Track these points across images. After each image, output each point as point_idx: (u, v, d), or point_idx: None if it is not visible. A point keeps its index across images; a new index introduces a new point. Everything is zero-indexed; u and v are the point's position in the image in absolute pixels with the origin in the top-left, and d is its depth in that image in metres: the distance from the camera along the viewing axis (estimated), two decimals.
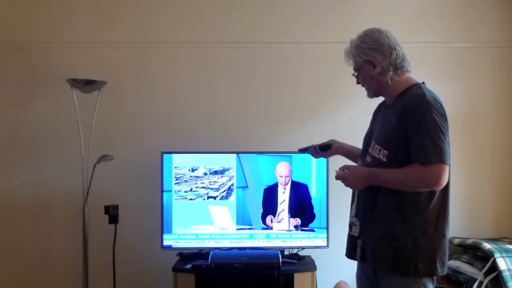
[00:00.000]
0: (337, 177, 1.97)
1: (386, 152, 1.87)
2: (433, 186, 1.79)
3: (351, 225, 2.03)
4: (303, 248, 3.07)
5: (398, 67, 1.92)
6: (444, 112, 1.82)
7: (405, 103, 1.86)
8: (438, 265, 1.84)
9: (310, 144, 2.32)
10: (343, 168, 1.98)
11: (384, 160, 1.88)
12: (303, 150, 2.35)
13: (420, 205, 1.83)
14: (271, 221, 3.03)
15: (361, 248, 1.96)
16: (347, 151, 2.27)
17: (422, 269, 1.82)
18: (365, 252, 1.94)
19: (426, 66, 3.15)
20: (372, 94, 2.02)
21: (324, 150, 2.26)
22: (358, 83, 2.04)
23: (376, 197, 1.90)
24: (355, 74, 2.02)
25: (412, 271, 1.82)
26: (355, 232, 1.99)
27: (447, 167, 1.77)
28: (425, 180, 1.78)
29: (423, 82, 1.95)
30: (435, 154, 1.75)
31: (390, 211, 1.86)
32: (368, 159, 1.97)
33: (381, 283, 1.93)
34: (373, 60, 1.91)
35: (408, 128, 1.81)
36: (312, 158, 2.99)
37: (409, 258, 1.83)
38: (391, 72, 1.91)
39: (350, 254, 2.03)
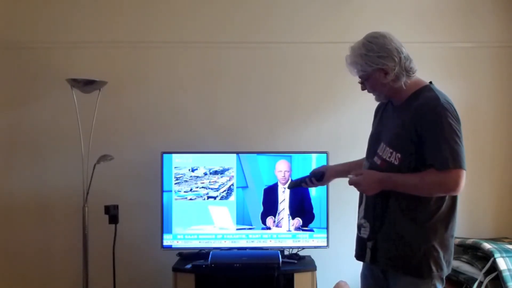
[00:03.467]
0: (351, 182, 1.93)
1: (399, 155, 1.85)
2: (451, 192, 1.80)
3: (359, 227, 2.01)
4: (303, 248, 3.07)
5: (408, 69, 1.88)
6: (458, 115, 1.81)
7: (418, 106, 1.83)
8: (445, 265, 1.85)
9: (298, 179, 2.26)
10: (358, 173, 1.95)
11: (396, 163, 1.85)
12: (293, 185, 2.28)
13: (431, 207, 1.83)
14: (273, 223, 3.03)
15: (370, 250, 1.95)
16: (343, 172, 2.16)
17: (434, 270, 1.83)
18: (375, 254, 1.93)
19: (426, 66, 3.09)
20: (383, 99, 1.99)
21: (319, 179, 2.18)
22: (363, 89, 1.98)
23: (387, 200, 1.88)
24: (361, 81, 1.97)
25: (426, 272, 1.83)
26: (364, 234, 1.97)
27: (465, 172, 1.76)
28: (444, 186, 1.78)
29: (431, 82, 1.93)
30: (453, 160, 1.74)
31: (402, 214, 1.86)
32: (378, 161, 1.93)
33: (391, 284, 1.91)
34: (385, 67, 1.86)
35: (424, 132, 1.79)
36: (312, 158, 3.04)
37: (423, 260, 1.82)
38: (404, 77, 1.87)
39: (359, 255, 2.02)
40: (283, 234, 3.03)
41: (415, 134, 1.81)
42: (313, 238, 3.03)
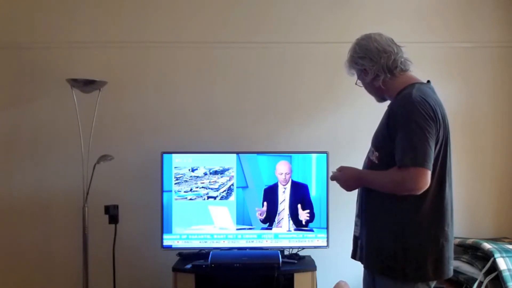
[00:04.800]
0: (331, 178, 2.01)
1: (377, 154, 1.87)
2: (411, 191, 1.73)
3: (355, 225, 2.02)
4: (303, 248, 3.07)
5: (391, 68, 1.88)
6: (433, 113, 1.74)
7: (392, 104, 1.86)
8: (429, 270, 1.78)
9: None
10: (339, 169, 1.99)
11: (376, 162, 1.87)
12: None
13: (409, 208, 1.79)
14: (259, 215, 3.02)
15: (359, 248, 1.96)
16: None
17: (410, 274, 1.77)
18: (362, 253, 1.94)
19: (426, 66, 3.15)
20: (377, 99, 2.02)
21: None
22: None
23: (369, 198, 1.90)
24: (357, 82, 2.03)
25: (400, 275, 1.78)
26: (356, 232, 1.99)
27: (426, 170, 1.69)
28: (402, 184, 1.72)
29: (428, 81, 1.93)
30: (412, 157, 1.69)
31: (380, 213, 1.85)
32: (366, 160, 1.98)
33: (376, 284, 1.91)
34: (364, 68, 1.92)
35: (392, 130, 1.78)
36: (312, 158, 3.04)
37: (397, 261, 1.79)
38: (383, 76, 1.89)
39: (353, 254, 2.02)
40: (283, 234, 3.03)
41: (388, 132, 1.80)
42: (313, 238, 3.03)
